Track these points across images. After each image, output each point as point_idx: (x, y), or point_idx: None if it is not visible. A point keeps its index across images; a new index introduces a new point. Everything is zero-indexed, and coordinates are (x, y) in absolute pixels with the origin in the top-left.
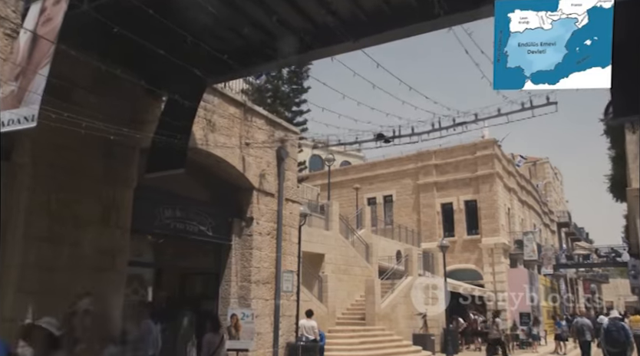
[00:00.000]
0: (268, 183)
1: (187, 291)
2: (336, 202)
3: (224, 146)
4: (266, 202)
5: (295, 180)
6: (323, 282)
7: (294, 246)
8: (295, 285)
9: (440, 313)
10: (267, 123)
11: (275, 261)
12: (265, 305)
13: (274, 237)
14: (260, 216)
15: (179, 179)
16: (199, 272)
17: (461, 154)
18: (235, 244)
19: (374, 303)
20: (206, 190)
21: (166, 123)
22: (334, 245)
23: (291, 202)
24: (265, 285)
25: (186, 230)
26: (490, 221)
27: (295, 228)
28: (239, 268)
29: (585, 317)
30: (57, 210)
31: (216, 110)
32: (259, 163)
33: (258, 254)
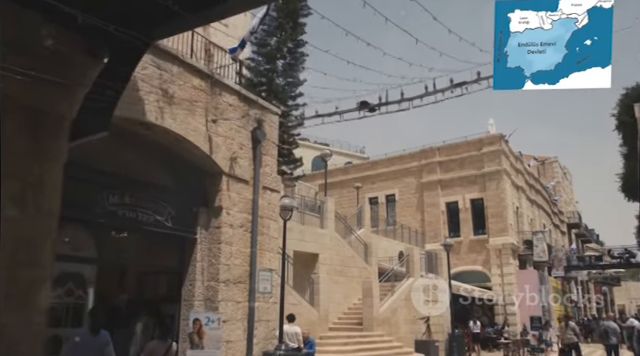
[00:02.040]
0: (240, 168)
1: (143, 292)
2: (331, 199)
3: (185, 123)
4: (239, 190)
5: (274, 166)
6: (314, 284)
7: (273, 241)
8: (274, 286)
9: (445, 317)
10: (240, 100)
11: (249, 257)
12: (236, 309)
13: (248, 230)
14: (231, 206)
15: (131, 159)
16: (157, 271)
17: (466, 150)
18: (201, 237)
19: (372, 307)
20: (166, 174)
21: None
22: (329, 245)
23: (270, 191)
24: (237, 285)
25: (138, 220)
26: (498, 220)
27: (274, 220)
28: (205, 266)
29: (612, 320)
30: None
31: (174, 79)
32: (230, 145)
33: (229, 249)
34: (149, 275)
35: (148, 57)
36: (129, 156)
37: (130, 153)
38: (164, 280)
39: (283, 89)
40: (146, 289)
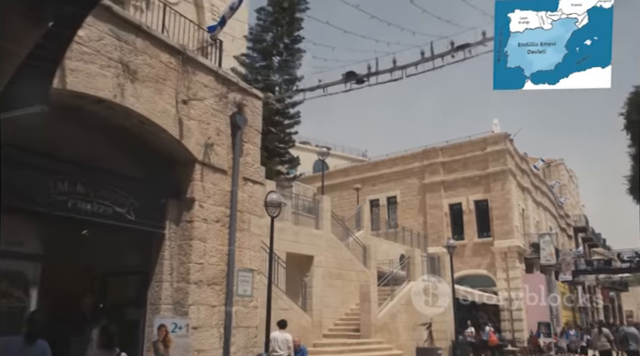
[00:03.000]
0: (217, 156)
1: (102, 295)
2: (327, 198)
3: (150, 103)
4: (215, 181)
5: (257, 156)
6: (307, 287)
7: (255, 239)
8: (256, 288)
9: (448, 323)
10: (218, 81)
11: (226, 256)
12: (210, 313)
13: (225, 225)
14: (205, 198)
15: (86, 143)
16: (119, 271)
17: (470, 150)
18: (171, 233)
19: (370, 312)
20: (129, 161)
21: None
22: (325, 247)
23: (252, 183)
24: (212, 286)
25: (93, 212)
26: (503, 222)
27: (256, 215)
28: (174, 265)
29: (633, 326)
30: None
31: (138, 53)
32: (205, 130)
33: (202, 246)
34: (109, 275)
35: (106, 27)
36: (84, 138)
37: (86, 135)
38: (127, 281)
39: (279, 86)
40: (106, 292)
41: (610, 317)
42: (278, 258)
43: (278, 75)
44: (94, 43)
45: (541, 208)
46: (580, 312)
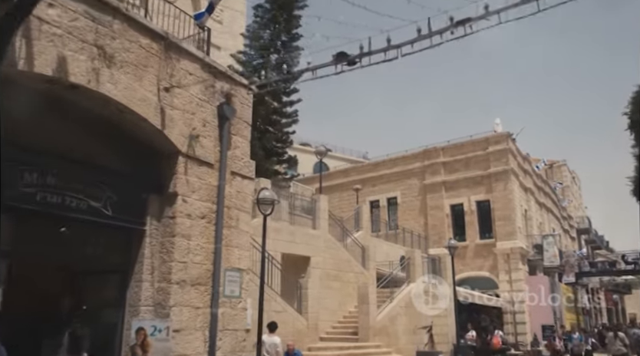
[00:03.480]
0: (203, 149)
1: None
2: (325, 197)
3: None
4: (200, 174)
5: (247, 150)
6: (302, 289)
7: (244, 236)
8: (245, 289)
9: (450, 326)
10: (204, 69)
11: (212, 254)
12: (194, 315)
13: (211, 222)
14: (190, 192)
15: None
16: (96, 270)
17: (471, 150)
18: (152, 229)
19: (369, 314)
20: (107, 152)
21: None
22: (322, 247)
23: (241, 178)
24: (196, 287)
25: (65, 206)
26: (506, 223)
27: (245, 212)
28: (155, 264)
29: None
30: None
31: (116, 37)
32: (190, 121)
33: (186, 244)
34: (85, 274)
35: (81, 8)
36: (57, 127)
37: (59, 124)
38: (104, 281)
39: (276, 84)
40: (82, 292)
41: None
42: (273, 259)
43: (276, 73)
44: (66, 24)
45: (544, 209)
46: (584, 315)
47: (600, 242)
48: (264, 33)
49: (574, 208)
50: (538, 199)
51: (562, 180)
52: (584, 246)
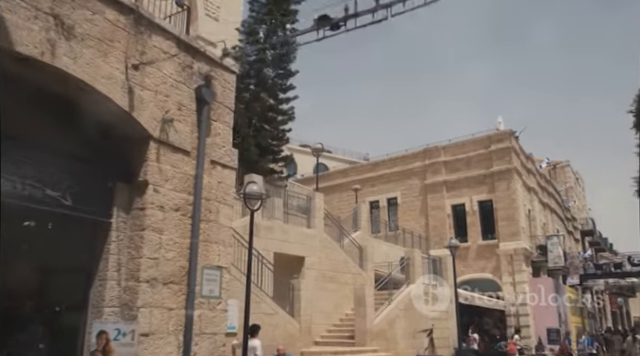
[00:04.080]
0: (178, 134)
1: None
2: (320, 195)
3: (92, 66)
4: (175, 162)
5: (228, 137)
6: (294, 290)
7: (224, 232)
8: (225, 289)
9: (451, 329)
10: (180, 48)
11: (187, 250)
12: (167, 318)
13: (187, 215)
14: (162, 181)
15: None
16: (54, 267)
17: (473, 149)
18: (119, 222)
19: (366, 317)
20: (67, 134)
21: None
22: (317, 247)
23: (222, 168)
24: (169, 286)
25: (16, 194)
26: (509, 223)
27: (227, 204)
28: (123, 260)
29: None
30: None
31: (76, 7)
32: (163, 103)
33: (157, 238)
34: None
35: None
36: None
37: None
38: (64, 279)
39: (273, 80)
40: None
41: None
42: (263, 258)
43: (271, 69)
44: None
45: (547, 210)
46: (589, 318)
47: (604, 244)
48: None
49: (578, 209)
50: (542, 199)
51: (565, 181)
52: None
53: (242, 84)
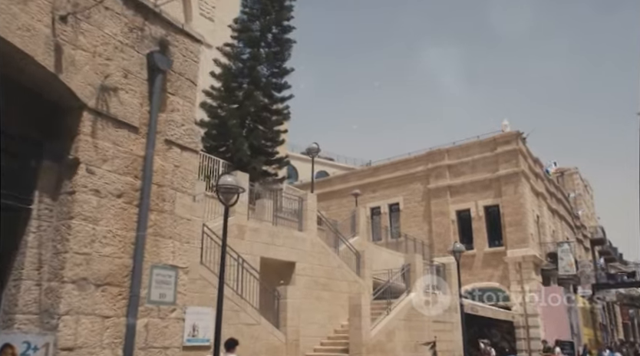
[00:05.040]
0: (123, 106)
1: None
2: (313, 195)
3: (5, 13)
4: (118, 139)
5: (190, 115)
6: (280, 298)
7: (183, 226)
8: (182, 293)
9: (456, 341)
10: (128, 5)
11: (132, 246)
12: (99, 328)
13: (133, 202)
14: (99, 161)
15: None
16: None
17: (478, 152)
18: (42, 209)
19: (361, 328)
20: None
21: None
22: (309, 252)
23: (181, 150)
24: (104, 288)
25: None
26: (517, 229)
27: (186, 193)
28: (45, 256)
29: None
30: None
31: None
32: (104, 68)
33: (90, 229)
34: None
35: None
36: None
37: None
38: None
39: (267, 79)
40: None
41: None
42: (244, 262)
43: (265, 66)
44: None
45: (557, 216)
46: (601, 330)
47: (614, 254)
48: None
49: (587, 217)
50: (550, 205)
51: (574, 188)
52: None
53: (234, 83)
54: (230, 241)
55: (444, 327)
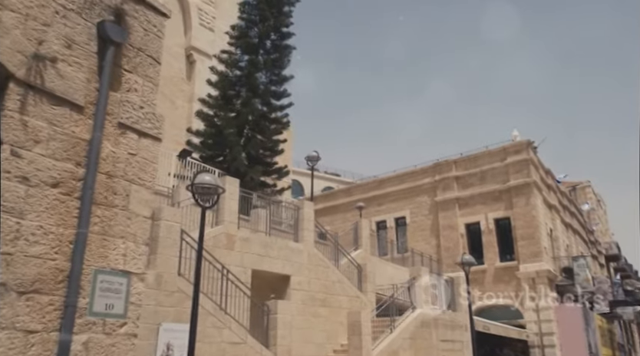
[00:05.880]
0: (63, 81)
1: None
2: (310, 203)
3: None
4: (55, 118)
5: (151, 97)
6: (270, 314)
7: (138, 223)
8: (137, 305)
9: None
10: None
11: (70, 246)
12: (21, 345)
13: (73, 194)
14: (29, 143)
15: None
16: None
17: (488, 162)
18: None
19: (362, 348)
20: None
21: None
22: (306, 264)
23: (137, 135)
24: (30, 296)
25: None
26: (529, 243)
27: (143, 186)
28: None
29: None
30: None
31: None
32: (39, 33)
33: (13, 224)
34: None
35: None
36: None
37: None
38: None
39: (265, 86)
40: None
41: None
42: (229, 273)
43: (264, 73)
44: None
45: (570, 230)
46: (619, 350)
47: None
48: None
49: (600, 233)
50: (564, 218)
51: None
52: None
53: (232, 91)
54: (218, 251)
55: (453, 346)
